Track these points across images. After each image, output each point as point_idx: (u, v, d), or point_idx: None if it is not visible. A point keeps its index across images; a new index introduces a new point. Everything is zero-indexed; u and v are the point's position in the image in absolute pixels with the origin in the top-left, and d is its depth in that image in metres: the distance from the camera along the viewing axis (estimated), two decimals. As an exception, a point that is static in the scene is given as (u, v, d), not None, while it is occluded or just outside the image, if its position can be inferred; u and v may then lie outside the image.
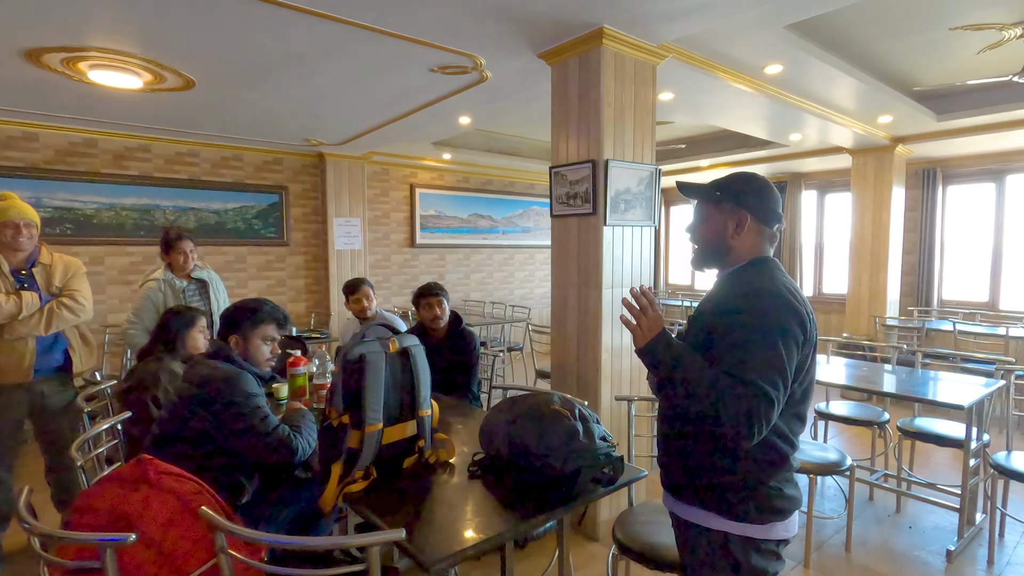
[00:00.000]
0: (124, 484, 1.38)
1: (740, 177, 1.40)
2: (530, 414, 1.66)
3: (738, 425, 1.16)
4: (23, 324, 2.51)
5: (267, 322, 2.01)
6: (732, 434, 1.18)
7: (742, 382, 1.17)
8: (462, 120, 4.64)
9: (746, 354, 1.19)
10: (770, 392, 1.16)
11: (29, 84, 3.54)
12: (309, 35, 2.79)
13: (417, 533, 1.39)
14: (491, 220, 7.68)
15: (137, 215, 5.12)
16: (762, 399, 1.16)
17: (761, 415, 1.16)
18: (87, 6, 2.49)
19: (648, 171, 2.98)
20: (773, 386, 1.17)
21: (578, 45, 2.80)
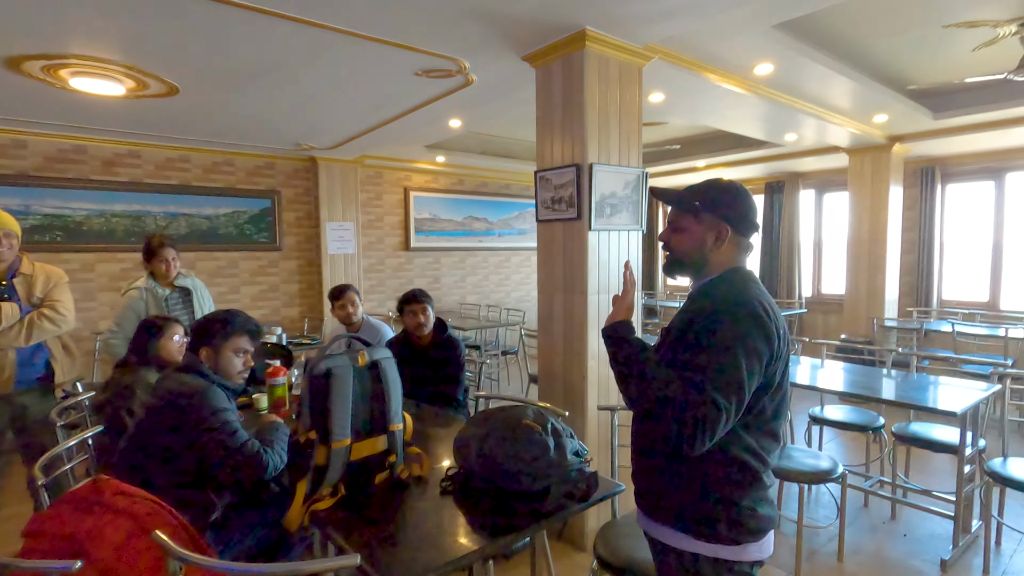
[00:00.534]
0: (78, 506, 1.34)
1: (719, 186, 1.36)
2: (501, 428, 1.62)
3: (682, 429, 1.13)
4: (2, 336, 2.49)
5: (239, 334, 1.97)
6: (675, 437, 1.14)
7: (696, 389, 1.14)
8: (452, 123, 4.60)
9: (706, 364, 1.16)
10: (720, 403, 1.13)
11: (12, 92, 3.51)
12: (289, 40, 2.76)
13: (382, 554, 1.35)
14: (487, 222, 7.64)
15: (128, 221, 5.10)
16: (710, 408, 1.12)
17: (707, 425, 1.12)
18: (62, 13, 2.46)
19: (635, 174, 2.93)
20: (726, 398, 1.14)
21: (561, 47, 2.76)
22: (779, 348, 1.21)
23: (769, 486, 1.30)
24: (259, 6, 2.37)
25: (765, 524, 1.27)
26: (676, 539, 1.29)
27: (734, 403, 1.15)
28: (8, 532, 2.36)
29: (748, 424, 1.24)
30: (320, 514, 1.55)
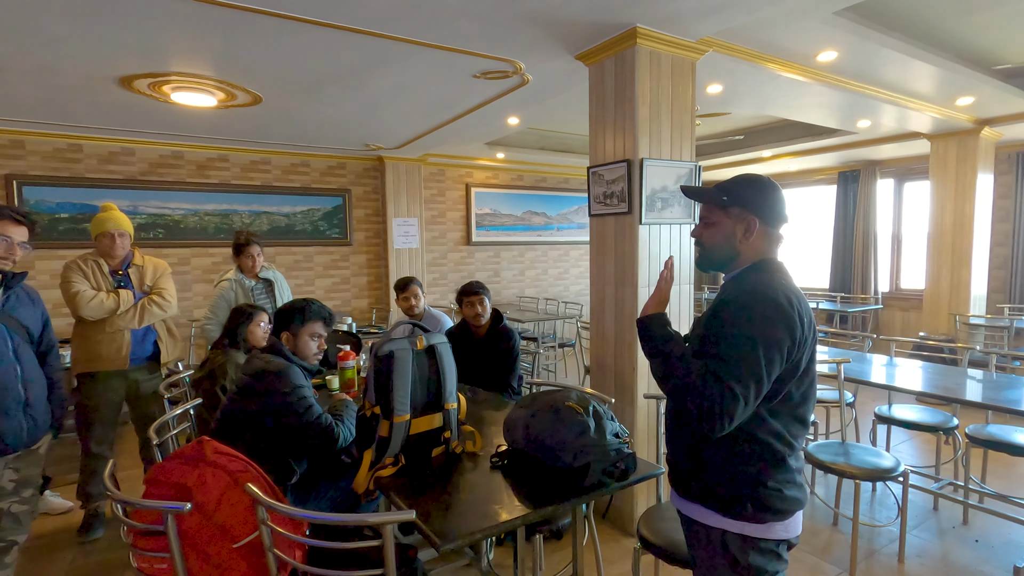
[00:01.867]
0: (186, 461, 1.59)
1: (746, 180, 1.41)
2: (546, 409, 1.74)
3: (702, 414, 1.22)
4: (120, 318, 2.87)
5: (314, 320, 2.20)
6: (696, 421, 1.24)
7: (714, 377, 1.22)
8: (510, 121, 4.74)
9: (726, 353, 1.23)
10: (737, 391, 1.20)
11: (124, 106, 3.99)
12: (356, 51, 2.99)
13: (434, 516, 1.51)
14: (546, 217, 7.75)
15: (218, 219, 5.62)
16: (727, 396, 1.20)
17: (725, 411, 1.20)
18: (167, 37, 2.80)
19: (687, 168, 2.95)
20: (743, 386, 1.21)
21: (613, 45, 2.82)
22: (802, 336, 1.26)
23: (797, 469, 1.35)
24: (329, 22, 2.60)
25: (791, 505, 1.32)
26: (704, 516, 1.37)
27: (752, 390, 1.21)
28: (125, 490, 2.77)
29: (774, 409, 1.30)
30: (383, 480, 1.74)
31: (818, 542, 2.87)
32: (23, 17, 2.52)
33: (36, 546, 2.88)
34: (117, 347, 2.89)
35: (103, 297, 2.80)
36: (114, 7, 2.44)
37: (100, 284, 2.83)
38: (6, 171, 4.73)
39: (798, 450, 1.35)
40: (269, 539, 1.43)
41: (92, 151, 5.02)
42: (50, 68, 3.19)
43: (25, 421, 1.94)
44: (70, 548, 2.87)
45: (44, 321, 2.09)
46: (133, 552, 1.52)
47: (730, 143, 6.48)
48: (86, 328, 2.84)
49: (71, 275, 2.78)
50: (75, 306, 2.75)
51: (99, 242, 2.88)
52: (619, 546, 2.82)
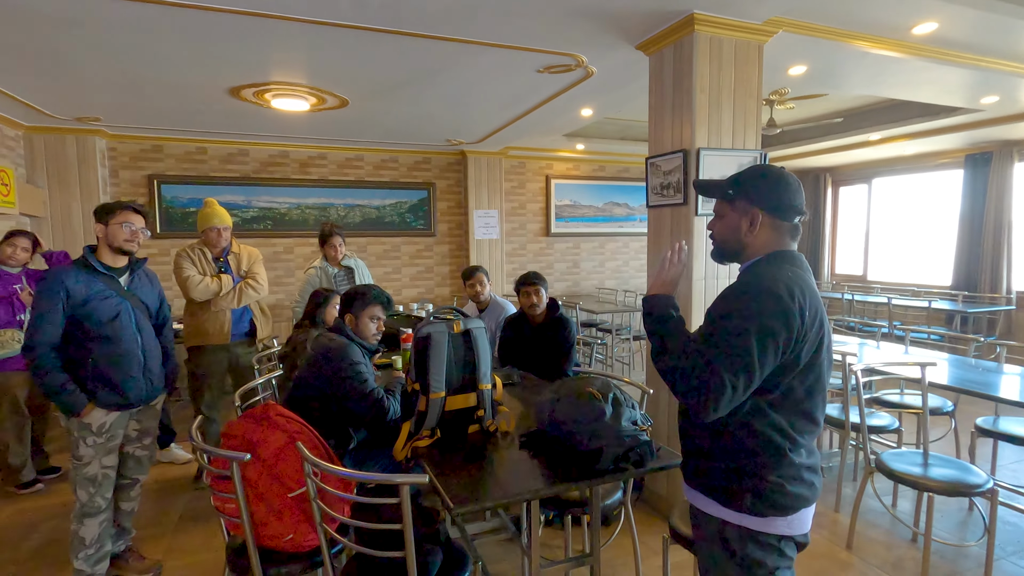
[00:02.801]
0: (253, 420, 1.86)
1: (753, 172, 1.40)
2: (570, 394, 1.82)
3: (687, 398, 1.25)
4: (223, 299, 3.31)
5: (374, 304, 2.43)
6: (682, 403, 1.27)
7: (705, 363, 1.23)
8: (584, 112, 4.76)
9: (719, 340, 1.24)
10: (726, 379, 1.21)
11: (235, 113, 4.54)
12: (425, 54, 3.19)
13: (455, 483, 1.66)
14: (628, 208, 7.64)
15: (317, 212, 6.18)
16: (715, 383, 1.21)
17: (711, 397, 1.21)
18: (267, 52, 3.18)
19: (750, 157, 2.84)
20: (732, 375, 1.21)
21: (671, 34, 2.78)
22: (801, 330, 1.23)
23: (806, 465, 1.33)
24: (397, 29, 2.82)
25: (795, 502, 1.30)
26: (706, 504, 1.38)
27: (741, 379, 1.21)
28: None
29: (775, 402, 1.29)
30: (420, 450, 1.91)
31: (890, 556, 2.68)
32: (153, 42, 2.99)
33: (161, 488, 3.44)
34: (220, 324, 3.33)
35: (208, 281, 3.24)
36: (221, 29, 2.82)
37: (205, 270, 3.28)
38: (149, 172, 5.55)
39: (804, 446, 1.33)
40: (314, 491, 1.65)
41: (215, 153, 5.73)
42: (176, 83, 3.73)
43: (144, 382, 2.34)
44: (187, 492, 3.39)
45: (160, 299, 2.50)
46: (212, 492, 1.82)
47: (828, 127, 6.00)
48: (194, 308, 3.30)
49: (182, 262, 3.24)
50: (186, 289, 3.21)
51: (205, 234, 3.31)
52: (662, 531, 2.81)
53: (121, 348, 2.25)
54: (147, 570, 2.53)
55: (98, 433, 2.25)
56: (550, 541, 2.80)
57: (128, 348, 2.28)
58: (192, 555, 2.72)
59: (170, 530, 2.95)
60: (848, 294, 6.97)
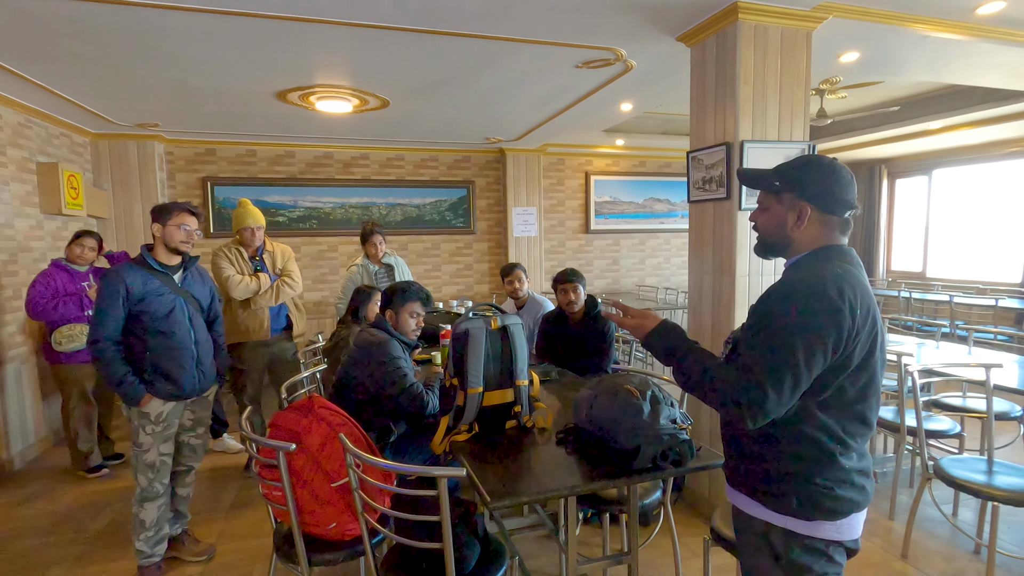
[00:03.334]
0: (298, 412, 1.93)
1: (802, 163, 1.34)
2: (607, 391, 1.80)
3: (730, 409, 1.20)
4: (261, 297, 3.40)
5: (413, 301, 2.48)
6: (724, 415, 1.23)
7: (748, 369, 1.19)
8: (623, 107, 4.70)
9: (763, 344, 1.19)
10: (768, 385, 1.16)
11: (282, 116, 4.69)
12: (463, 52, 3.22)
13: (491, 478, 1.67)
14: (669, 204, 7.49)
15: (359, 211, 6.33)
16: (757, 390, 1.16)
17: (755, 405, 1.16)
18: (312, 57, 3.27)
19: (797, 149, 2.74)
20: (777, 380, 1.16)
21: (713, 24, 2.71)
22: (853, 330, 1.18)
23: (857, 469, 1.27)
24: (434, 29, 2.85)
25: (844, 506, 1.25)
26: (749, 506, 1.35)
27: (787, 384, 1.16)
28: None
29: (825, 404, 1.24)
30: (458, 444, 1.93)
31: (949, 568, 2.54)
32: (206, 49, 3.12)
33: (214, 476, 3.60)
34: (259, 321, 3.42)
35: (247, 280, 3.34)
36: (269, 35, 2.92)
37: (242, 269, 3.38)
38: (203, 174, 5.81)
39: (855, 449, 1.27)
40: (355, 481, 1.69)
41: (263, 155, 5.95)
42: (226, 88, 3.88)
43: (197, 374, 2.46)
44: (238, 480, 3.54)
45: (212, 295, 2.61)
46: (260, 481, 1.89)
47: (883, 116, 5.71)
48: (234, 306, 3.39)
49: (220, 262, 3.34)
50: (227, 288, 3.30)
51: (240, 234, 3.39)
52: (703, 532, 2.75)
53: (175, 342, 2.37)
54: (202, 553, 2.66)
55: (156, 422, 2.37)
56: (588, 539, 2.79)
57: (182, 342, 2.40)
58: (243, 540, 2.84)
59: (222, 516, 3.09)
60: (905, 292, 6.63)
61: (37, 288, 3.40)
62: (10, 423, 3.76)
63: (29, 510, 3.20)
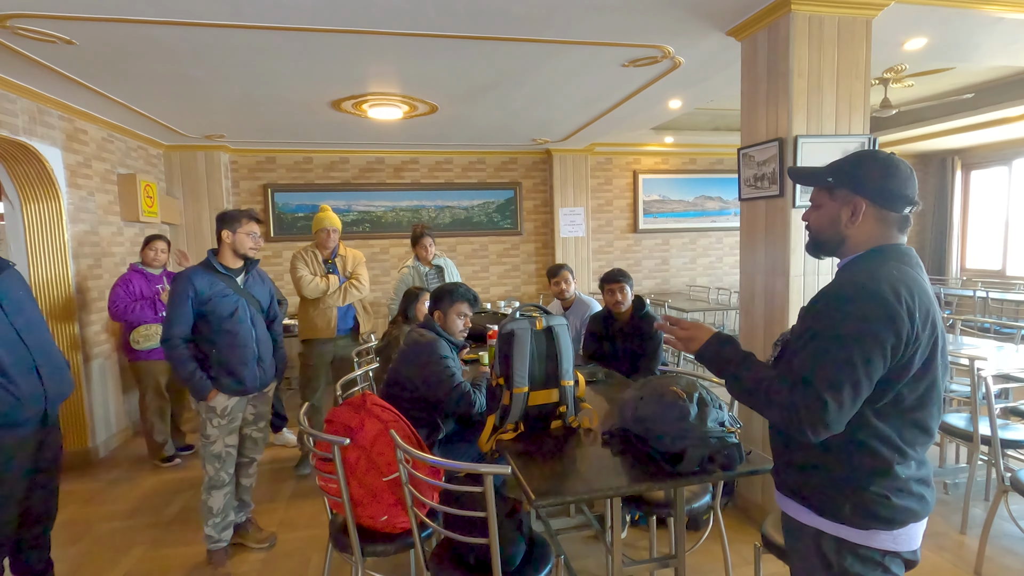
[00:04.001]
0: (351, 408, 2.01)
1: (856, 159, 1.29)
2: (653, 393, 1.79)
3: (791, 422, 1.16)
4: (330, 297, 3.59)
5: (460, 301, 2.53)
6: (786, 429, 1.18)
7: (804, 381, 1.15)
8: (672, 104, 4.62)
9: (819, 351, 1.15)
10: (827, 396, 1.12)
11: (337, 124, 4.88)
12: (508, 56, 3.26)
13: (537, 477, 1.69)
14: (721, 201, 7.29)
15: (410, 214, 6.49)
16: (815, 402, 1.12)
17: (816, 419, 1.13)
18: (365, 67, 3.40)
19: (856, 143, 2.62)
20: (835, 391, 1.12)
21: (764, 16, 2.63)
22: (912, 334, 1.13)
23: (916, 478, 1.22)
24: (480, 35, 2.90)
25: (902, 515, 1.20)
26: (799, 512, 1.31)
27: (847, 394, 1.12)
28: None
29: (882, 411, 1.19)
30: (504, 442, 1.97)
31: (1030, 588, 2.37)
32: (265, 63, 3.30)
33: (275, 468, 3.79)
34: (327, 320, 3.62)
35: (319, 281, 3.54)
36: (324, 47, 3.05)
37: (316, 270, 3.58)
38: (263, 181, 6.11)
39: (914, 458, 1.22)
40: (405, 476, 1.76)
41: (319, 162, 6.20)
42: (285, 99, 4.08)
43: (258, 371, 2.60)
44: (292, 479, 3.70)
45: (271, 296, 2.76)
46: (317, 473, 1.99)
47: (956, 104, 5.36)
48: (306, 305, 3.62)
49: (297, 263, 3.57)
50: (299, 287, 3.53)
51: (317, 236, 3.63)
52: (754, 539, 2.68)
53: (238, 340, 2.52)
54: (264, 540, 2.81)
55: (221, 415, 2.53)
56: (636, 542, 2.77)
57: (244, 340, 2.54)
58: (301, 530, 2.98)
59: (283, 506, 3.25)
60: (982, 291, 6.19)
61: (117, 292, 3.69)
62: (95, 414, 4.08)
63: (112, 495, 3.47)
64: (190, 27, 2.71)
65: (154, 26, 2.69)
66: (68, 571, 2.64)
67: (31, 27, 2.65)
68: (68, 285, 3.89)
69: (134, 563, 2.72)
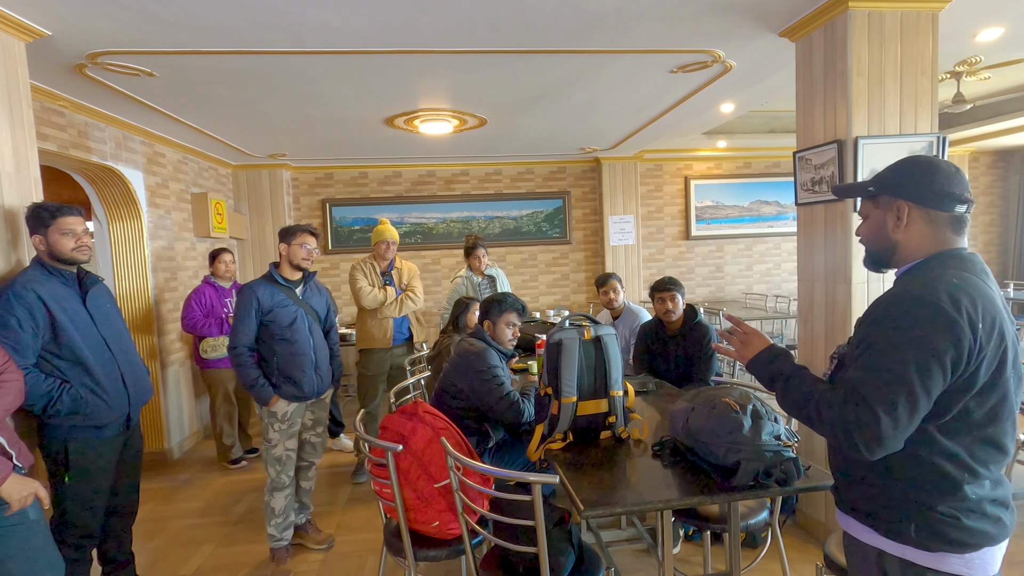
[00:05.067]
0: (404, 415, 2.08)
1: (895, 164, 1.24)
2: (705, 404, 1.76)
3: (844, 441, 1.11)
4: (387, 308, 3.70)
5: (509, 311, 2.57)
6: (841, 446, 1.13)
7: (857, 396, 1.10)
8: (724, 108, 4.52)
9: (873, 365, 1.11)
10: (881, 412, 1.07)
11: (390, 140, 5.06)
12: (556, 69, 3.30)
13: (586, 487, 1.69)
14: (778, 206, 7.03)
15: (460, 225, 6.62)
16: (870, 419, 1.07)
17: (871, 436, 1.08)
18: (416, 85, 3.53)
19: (923, 142, 2.49)
20: (890, 406, 1.07)
21: (820, 15, 2.55)
22: (974, 345, 1.06)
23: (991, 498, 1.14)
24: (528, 48, 2.95)
25: (974, 538, 1.13)
26: (861, 532, 1.25)
27: (904, 409, 1.07)
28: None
29: (948, 428, 1.12)
30: (552, 452, 1.98)
31: None
32: (324, 85, 3.48)
33: (333, 473, 3.93)
34: (384, 330, 3.73)
35: (376, 292, 3.65)
36: (377, 68, 3.19)
37: (374, 282, 3.70)
38: (322, 196, 6.40)
39: (987, 477, 1.14)
40: (456, 482, 1.80)
41: (373, 176, 6.43)
42: (342, 118, 4.27)
43: (316, 378, 2.73)
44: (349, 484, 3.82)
45: (328, 307, 2.89)
46: (372, 478, 2.06)
47: (1038, 96, 4.97)
48: (364, 315, 3.74)
49: (356, 274, 3.70)
50: (358, 298, 3.65)
51: (377, 247, 3.74)
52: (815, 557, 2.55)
53: (297, 348, 2.65)
54: (323, 541, 2.92)
55: (282, 420, 2.66)
56: (690, 557, 2.70)
57: (303, 348, 2.67)
58: (358, 532, 3.08)
59: (340, 509, 3.37)
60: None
61: (191, 306, 3.96)
62: (171, 418, 4.37)
63: (185, 494, 3.71)
64: (256, 55, 2.90)
65: (224, 56, 2.89)
66: (147, 563, 2.83)
67: (119, 63, 2.91)
68: (148, 297, 4.20)
69: (205, 558, 2.88)
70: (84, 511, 2.14)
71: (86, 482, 2.13)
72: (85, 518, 2.15)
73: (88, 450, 2.12)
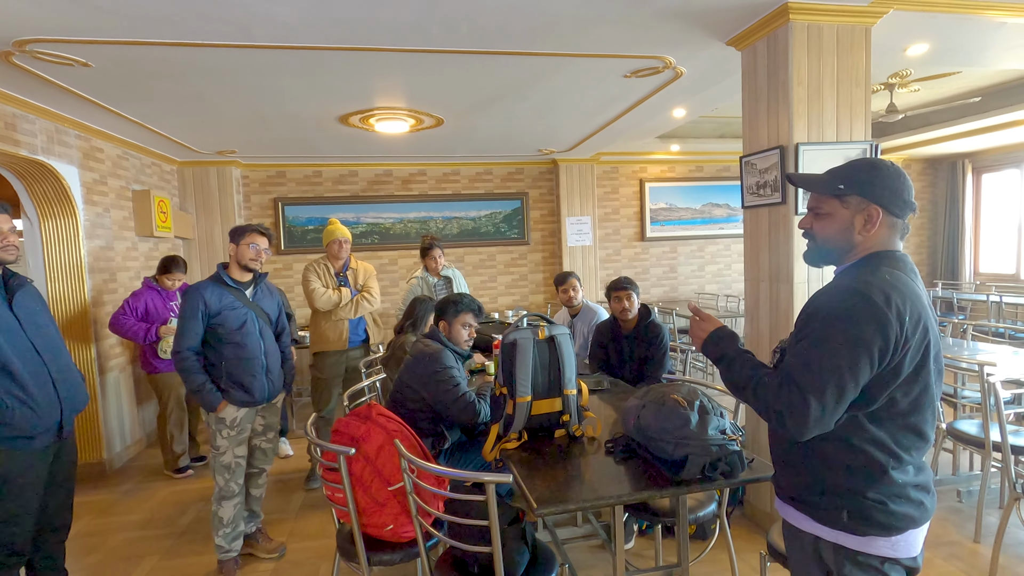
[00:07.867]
0: (358, 418, 2.04)
1: (866, 165, 1.29)
2: (655, 401, 1.81)
3: (773, 421, 1.20)
4: (342, 310, 3.61)
5: (465, 312, 2.56)
6: (772, 426, 1.23)
7: (791, 382, 1.17)
8: (676, 113, 4.65)
9: (806, 354, 1.18)
10: (811, 399, 1.14)
11: (345, 138, 4.96)
12: (512, 70, 3.31)
13: (539, 485, 1.70)
14: (728, 209, 7.27)
15: (418, 226, 6.55)
16: (800, 403, 1.15)
17: (800, 419, 1.16)
18: (372, 82, 3.47)
19: (858, 149, 2.63)
20: (819, 393, 1.14)
21: (764, 26, 2.66)
22: (900, 338, 1.14)
23: (914, 484, 1.22)
24: (483, 49, 2.96)
25: (899, 521, 1.20)
26: (797, 519, 1.31)
27: (831, 396, 1.14)
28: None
29: (875, 416, 1.20)
30: (507, 451, 1.99)
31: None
32: (276, 81, 3.38)
33: (284, 480, 3.82)
34: (339, 332, 3.65)
35: (331, 293, 3.57)
36: (330, 64, 3.13)
37: (328, 283, 3.61)
38: (274, 195, 6.21)
39: (910, 463, 1.22)
40: (410, 485, 1.78)
41: (328, 175, 6.29)
42: (295, 115, 4.17)
43: (267, 382, 2.65)
44: (301, 490, 3.72)
45: (279, 309, 2.81)
46: (323, 483, 2.02)
47: (964, 107, 5.33)
48: (318, 317, 3.65)
49: (309, 275, 3.60)
50: (311, 299, 3.56)
51: (329, 248, 3.65)
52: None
53: (247, 352, 2.56)
54: (274, 550, 2.84)
55: (231, 426, 2.57)
56: (643, 551, 2.76)
57: (253, 352, 2.59)
58: (311, 539, 3.00)
59: (292, 516, 3.28)
60: (995, 296, 6.11)
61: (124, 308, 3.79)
62: (110, 426, 4.15)
63: (125, 506, 3.53)
64: (202, 48, 2.79)
65: (168, 48, 2.77)
66: (83, 581, 2.69)
67: (49, 51, 2.75)
68: (84, 300, 3.98)
69: (147, 573, 2.75)
70: (12, 527, 2.01)
71: (14, 496, 2.00)
72: (13, 534, 2.02)
73: (15, 462, 1.99)
